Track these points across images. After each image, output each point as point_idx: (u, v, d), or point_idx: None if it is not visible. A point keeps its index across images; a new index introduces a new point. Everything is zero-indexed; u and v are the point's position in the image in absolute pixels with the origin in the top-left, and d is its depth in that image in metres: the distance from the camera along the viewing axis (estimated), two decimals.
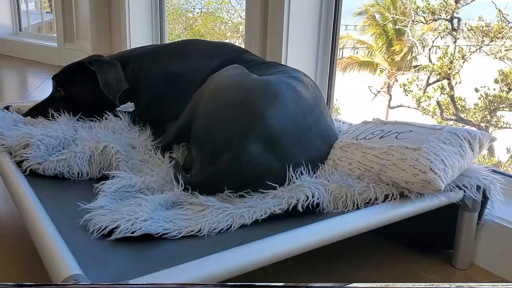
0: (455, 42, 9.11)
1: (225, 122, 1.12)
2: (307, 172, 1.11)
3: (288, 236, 0.92)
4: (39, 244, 0.87)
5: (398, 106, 9.82)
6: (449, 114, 8.93)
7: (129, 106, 1.64)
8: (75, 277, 0.73)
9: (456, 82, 8.90)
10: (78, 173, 1.20)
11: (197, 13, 12.44)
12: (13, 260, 1.19)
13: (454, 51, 9.08)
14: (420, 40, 10.06)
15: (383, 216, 1.04)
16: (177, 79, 1.51)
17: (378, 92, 9.99)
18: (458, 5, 8.99)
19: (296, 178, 1.09)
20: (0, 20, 4.63)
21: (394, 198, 1.06)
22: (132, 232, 0.89)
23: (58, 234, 0.88)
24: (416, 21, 9.68)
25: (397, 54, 9.76)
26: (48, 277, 0.79)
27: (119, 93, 1.48)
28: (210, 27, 12.03)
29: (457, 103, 8.79)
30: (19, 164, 1.22)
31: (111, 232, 0.90)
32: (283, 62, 1.87)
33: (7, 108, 1.57)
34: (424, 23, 9.58)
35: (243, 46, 2.06)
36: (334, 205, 1.05)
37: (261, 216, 0.99)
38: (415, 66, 10.11)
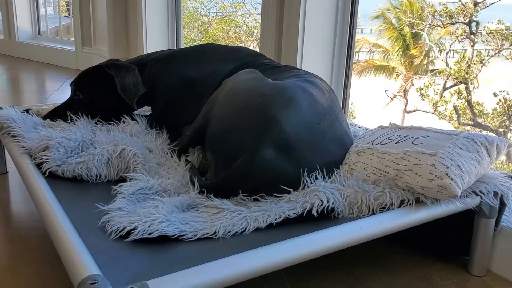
0: (473, 46, 9.02)
1: (240, 126, 1.13)
2: (322, 177, 1.12)
3: (303, 241, 0.93)
4: (58, 244, 0.89)
5: (414, 111, 9.75)
6: (466, 119, 8.84)
7: (146, 110, 1.66)
8: (94, 277, 0.74)
9: (474, 87, 8.81)
10: (97, 176, 1.22)
11: (212, 17, 12.52)
12: (32, 260, 1.22)
13: (472, 55, 8.99)
14: (437, 44, 9.99)
15: (399, 221, 1.03)
16: (193, 83, 1.53)
17: (395, 96, 9.93)
18: (477, 8, 8.90)
19: (311, 183, 1.09)
20: (20, 25, 4.71)
21: (410, 204, 1.06)
22: (149, 234, 0.90)
23: (77, 235, 0.89)
24: (434, 25, 9.61)
25: (416, 58, 9.69)
26: (67, 277, 0.81)
27: (137, 97, 1.50)
28: (225, 31, 12.09)
29: (474, 108, 8.70)
30: (39, 166, 1.25)
31: (128, 233, 0.91)
32: (298, 66, 1.88)
33: (27, 111, 1.60)
34: (441, 27, 9.50)
35: (258, 50, 2.08)
36: (349, 210, 1.05)
37: (275, 220, 0.99)
38: (432, 70, 10.03)
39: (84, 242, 0.87)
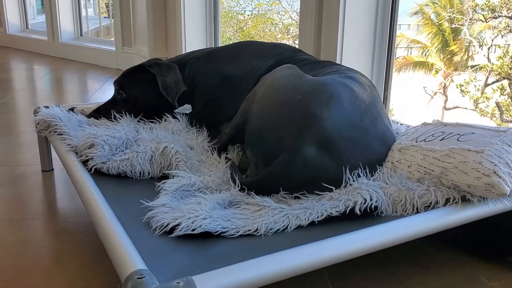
0: None
1: (280, 123, 1.13)
2: (365, 175, 1.10)
3: (346, 239, 0.92)
4: (105, 239, 0.91)
5: (454, 108, 9.50)
6: (510, 116, 8.54)
7: (187, 108, 1.68)
8: (140, 272, 0.76)
9: None
10: (140, 172, 1.24)
11: (248, 15, 12.56)
12: (79, 254, 1.25)
13: None
14: (477, 38, 9.69)
15: (444, 220, 1.01)
16: (232, 81, 1.54)
17: (435, 94, 9.70)
18: None
19: (353, 181, 1.08)
20: (63, 26, 4.86)
21: (456, 202, 1.03)
22: (193, 230, 0.91)
23: (123, 231, 0.91)
24: (475, 19, 9.33)
25: (457, 55, 9.43)
26: (112, 270, 0.83)
27: (178, 95, 1.52)
28: (261, 29, 12.11)
29: None
30: (84, 163, 1.28)
31: (172, 229, 0.93)
32: (337, 62, 1.86)
33: (72, 109, 1.65)
34: (483, 21, 9.21)
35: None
36: (393, 208, 1.03)
37: (317, 218, 0.99)
38: (472, 66, 9.75)
39: (130, 237, 0.89)
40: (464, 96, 9.35)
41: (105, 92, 3.29)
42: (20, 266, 1.20)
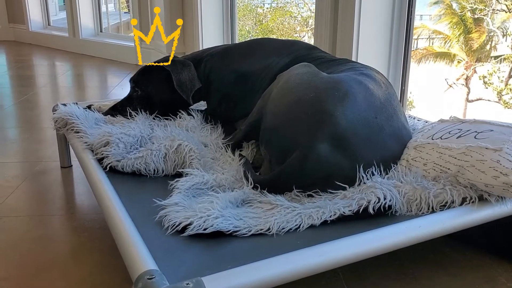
0: None
1: (294, 121, 1.12)
2: (379, 173, 1.09)
3: (359, 239, 0.91)
4: (118, 239, 0.92)
5: (477, 100, 9.31)
6: None
7: (202, 105, 1.69)
8: (151, 273, 0.76)
9: None
10: (154, 170, 1.25)
11: (267, 8, 12.52)
12: (95, 250, 1.27)
13: None
14: (501, 28, 9.46)
15: (460, 220, 0.99)
16: (247, 78, 1.53)
17: (453, 83, 9.51)
18: None
19: (367, 179, 1.06)
20: (83, 22, 4.91)
21: (473, 202, 1.01)
22: (204, 229, 0.92)
23: (135, 230, 0.92)
24: (498, 9, 9.11)
25: (473, 40, 9.21)
26: (125, 267, 0.84)
27: (192, 92, 1.52)
28: (279, 22, 12.05)
29: None
30: (100, 161, 1.30)
31: (184, 228, 0.93)
32: (353, 58, 1.84)
33: (89, 107, 1.67)
34: (506, 11, 8.99)
35: (312, 40, 2.05)
36: (407, 207, 1.01)
37: (330, 217, 0.98)
38: (496, 57, 9.53)
39: (142, 236, 0.90)
40: (487, 87, 9.16)
41: (123, 87, 3.32)
42: (40, 261, 1.22)
